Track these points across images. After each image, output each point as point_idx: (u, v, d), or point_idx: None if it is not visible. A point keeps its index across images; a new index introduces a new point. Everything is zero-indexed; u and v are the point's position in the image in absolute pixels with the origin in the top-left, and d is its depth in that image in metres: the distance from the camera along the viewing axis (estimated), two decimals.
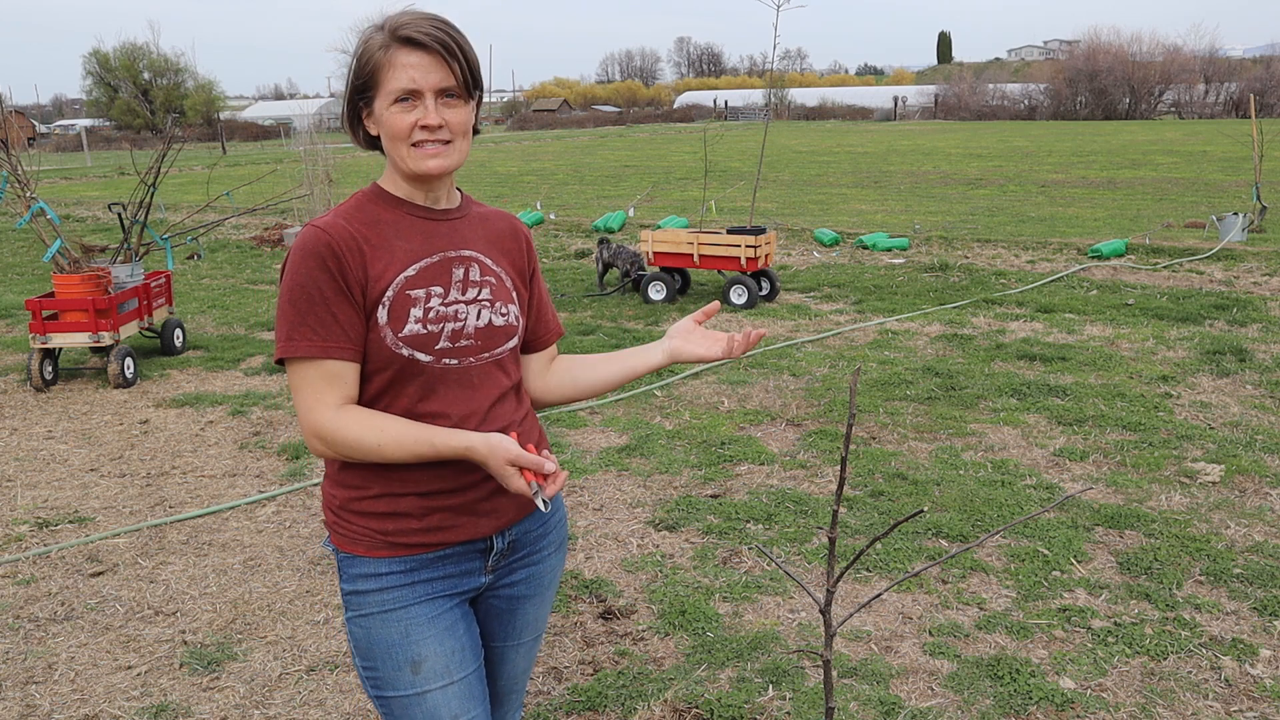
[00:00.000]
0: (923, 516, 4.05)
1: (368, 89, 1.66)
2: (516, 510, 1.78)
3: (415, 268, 1.67)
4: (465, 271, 1.73)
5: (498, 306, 1.75)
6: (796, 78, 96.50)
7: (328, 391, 1.62)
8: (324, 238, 1.62)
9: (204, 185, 19.11)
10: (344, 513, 1.72)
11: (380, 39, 1.63)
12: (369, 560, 1.71)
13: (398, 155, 1.66)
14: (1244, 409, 5.34)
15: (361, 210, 1.70)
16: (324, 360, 1.61)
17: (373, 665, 1.73)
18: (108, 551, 4.03)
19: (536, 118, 66.42)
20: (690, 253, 8.24)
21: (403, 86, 1.61)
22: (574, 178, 20.73)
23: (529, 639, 1.93)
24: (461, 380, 1.70)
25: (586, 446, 5.06)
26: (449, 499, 1.70)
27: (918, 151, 26.73)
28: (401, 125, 1.63)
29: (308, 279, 1.61)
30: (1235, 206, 12.64)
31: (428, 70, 1.61)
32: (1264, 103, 46.10)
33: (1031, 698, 2.89)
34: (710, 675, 3.05)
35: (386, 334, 1.64)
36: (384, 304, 1.64)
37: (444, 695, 1.72)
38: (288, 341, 1.61)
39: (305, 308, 1.61)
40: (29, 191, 6.67)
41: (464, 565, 1.75)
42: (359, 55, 1.66)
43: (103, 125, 60.22)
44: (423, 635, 1.70)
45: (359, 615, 1.72)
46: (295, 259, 1.63)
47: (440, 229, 1.73)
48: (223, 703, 2.99)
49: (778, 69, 57.60)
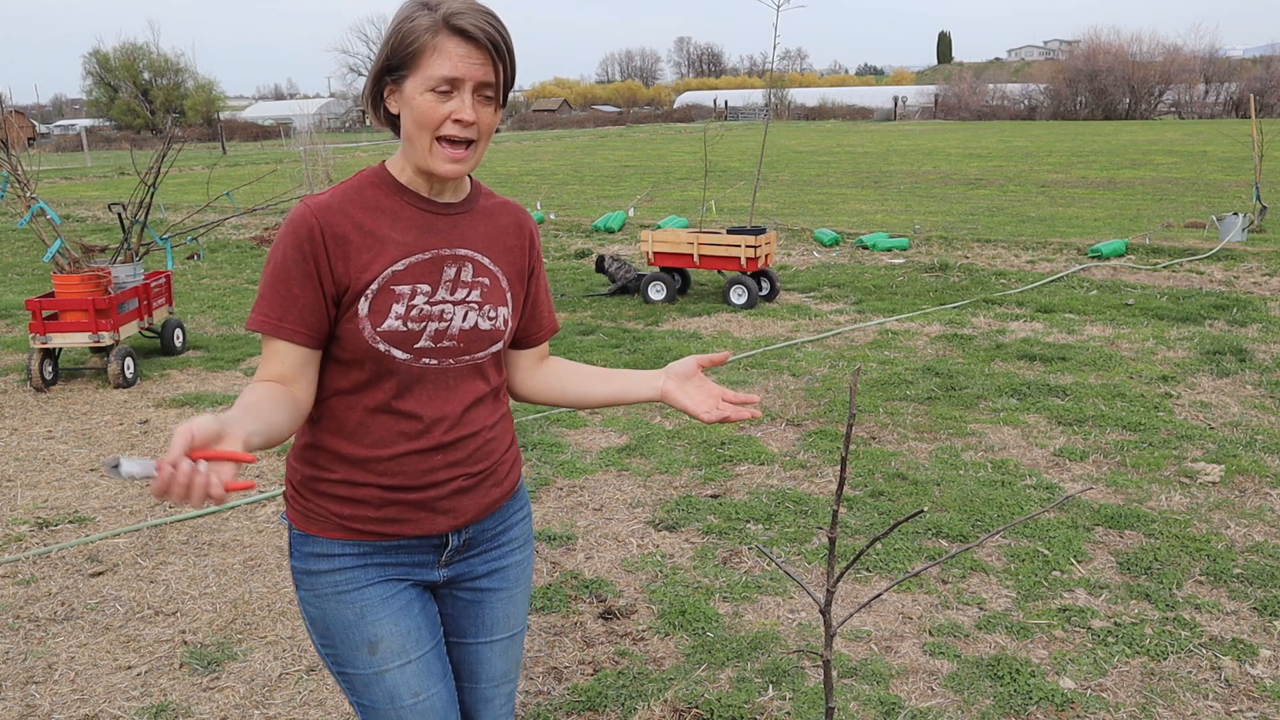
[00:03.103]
0: (923, 516, 4.05)
1: (403, 67, 1.59)
2: (476, 511, 1.77)
3: (404, 263, 1.64)
4: (457, 271, 1.69)
5: (486, 310, 1.71)
6: (796, 78, 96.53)
7: (267, 365, 1.63)
8: (309, 220, 1.60)
9: (204, 185, 19.11)
10: (304, 489, 1.71)
11: (429, 20, 1.56)
12: (323, 540, 1.71)
13: (419, 144, 1.60)
14: (1244, 409, 5.34)
15: (361, 194, 1.66)
16: (274, 339, 1.61)
17: (330, 643, 1.74)
18: (108, 551, 4.03)
19: (536, 118, 66.44)
20: (690, 253, 8.24)
21: (445, 75, 1.55)
22: (574, 178, 20.73)
23: (502, 636, 1.89)
24: (439, 381, 1.68)
25: (586, 446, 5.06)
26: (409, 494, 1.69)
27: (918, 151, 26.73)
28: (433, 114, 1.57)
29: (282, 256, 1.60)
30: (1235, 206, 12.65)
31: (473, 64, 1.56)
32: (1264, 103, 46.10)
33: (1031, 698, 2.89)
34: (710, 675, 3.05)
35: (365, 326, 1.61)
36: (366, 296, 1.61)
37: (402, 674, 1.73)
38: (253, 311, 1.63)
39: (273, 282, 1.61)
40: (29, 191, 6.67)
41: (417, 557, 1.75)
42: (400, 31, 1.58)
43: (103, 125, 60.24)
44: (377, 616, 1.71)
45: (313, 595, 1.72)
46: (283, 231, 1.62)
47: (439, 224, 1.69)
48: (223, 703, 2.99)
49: (778, 69, 57.61)
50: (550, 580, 3.69)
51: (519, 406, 5.68)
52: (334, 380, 1.68)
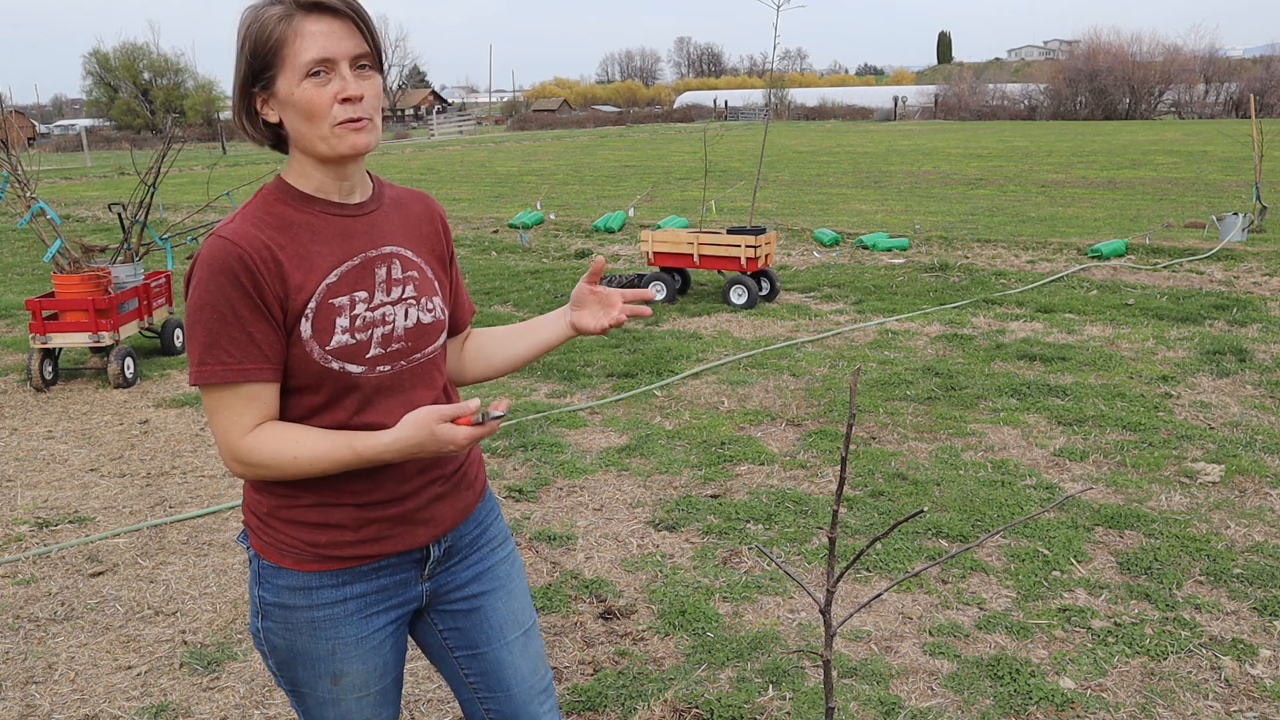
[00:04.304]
0: (923, 516, 4.05)
1: (268, 68, 1.49)
2: (454, 517, 1.73)
3: (336, 274, 1.56)
4: (388, 270, 1.62)
5: (423, 302, 1.66)
6: (796, 78, 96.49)
7: (244, 413, 1.52)
8: (235, 250, 1.48)
9: (204, 185, 19.11)
10: (271, 519, 1.62)
11: (279, 10, 1.47)
12: (298, 574, 1.62)
13: (316, 136, 1.51)
14: (1244, 409, 5.34)
15: (270, 213, 1.55)
16: (241, 384, 1.51)
17: (290, 670, 1.68)
18: (108, 551, 4.03)
19: (536, 118, 66.40)
20: (690, 253, 8.24)
21: (314, 57, 1.46)
22: (574, 178, 20.73)
23: (516, 635, 1.82)
24: (395, 387, 1.62)
25: (586, 446, 5.06)
26: (386, 509, 1.63)
27: (918, 151, 26.73)
28: (320, 101, 1.48)
29: (218, 297, 1.48)
30: (1235, 206, 12.64)
31: (340, 37, 1.48)
32: (1264, 103, 46.08)
33: (1031, 698, 2.89)
34: (710, 675, 3.05)
35: (313, 348, 1.53)
36: (307, 316, 1.52)
37: (359, 704, 1.71)
38: (200, 366, 1.50)
39: (218, 329, 1.48)
40: (29, 191, 6.67)
41: (399, 575, 1.69)
42: (252, 32, 1.48)
43: (103, 125, 60.28)
44: (348, 655, 1.66)
45: (283, 627, 1.64)
46: (203, 274, 1.49)
47: (358, 226, 1.61)
48: (223, 703, 2.99)
49: (778, 69, 57.61)
50: (550, 580, 3.69)
51: (519, 406, 5.68)
52: (286, 413, 1.58)
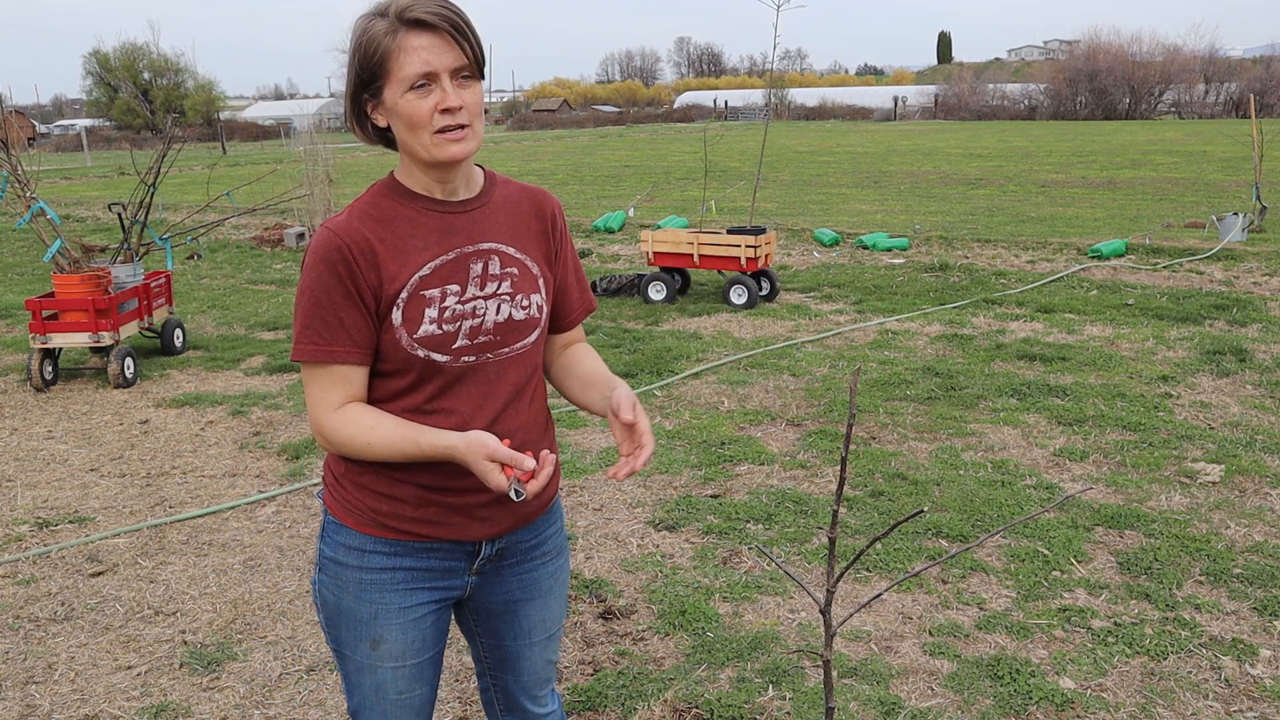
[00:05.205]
0: (923, 516, 4.05)
1: (375, 79, 1.59)
2: (512, 521, 1.77)
3: (430, 267, 1.65)
4: (484, 265, 1.69)
5: (518, 299, 1.72)
6: (796, 78, 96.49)
7: (332, 392, 1.65)
8: (335, 241, 1.61)
9: (204, 185, 19.10)
10: (345, 480, 1.74)
11: (384, 25, 1.57)
12: (357, 534, 1.73)
13: (419, 144, 1.60)
14: (1244, 409, 5.34)
15: (377, 207, 1.67)
16: (329, 364, 1.63)
17: (336, 627, 1.80)
18: (108, 551, 4.03)
19: (536, 118, 66.42)
20: (690, 253, 8.24)
21: (417, 71, 1.56)
22: (574, 178, 20.73)
23: (540, 638, 1.92)
24: (479, 377, 1.69)
25: (586, 446, 5.06)
26: (447, 496, 1.70)
27: (918, 151, 26.73)
28: (421, 111, 1.57)
29: (317, 283, 1.61)
30: (1235, 206, 12.64)
31: (440, 51, 1.56)
32: (1264, 103, 46.08)
33: (1031, 698, 2.89)
34: (710, 675, 3.05)
35: (401, 335, 1.63)
36: (398, 305, 1.62)
37: (394, 674, 1.78)
38: (297, 344, 1.64)
39: (314, 311, 1.62)
40: (29, 191, 6.67)
41: (449, 562, 1.76)
42: (362, 45, 1.59)
43: (103, 125, 60.24)
44: (389, 622, 1.75)
45: (334, 582, 1.76)
46: (309, 261, 1.63)
47: (458, 223, 1.69)
48: (223, 703, 2.99)
49: (778, 69, 57.62)
50: None
51: None
52: (373, 391, 1.70)
